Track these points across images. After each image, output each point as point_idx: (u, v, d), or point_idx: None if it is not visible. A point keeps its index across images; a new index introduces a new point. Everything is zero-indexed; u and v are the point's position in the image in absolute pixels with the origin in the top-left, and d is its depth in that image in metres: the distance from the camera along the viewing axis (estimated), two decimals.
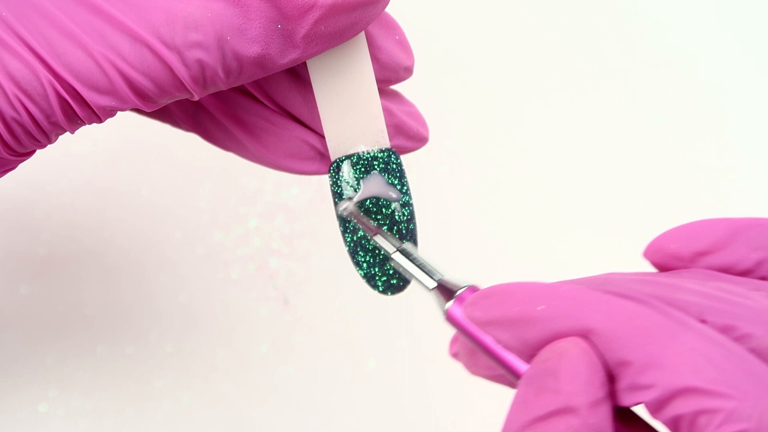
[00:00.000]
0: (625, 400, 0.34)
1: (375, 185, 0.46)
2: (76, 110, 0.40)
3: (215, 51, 0.40)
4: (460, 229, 0.72)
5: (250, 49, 0.40)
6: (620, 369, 0.34)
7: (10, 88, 0.39)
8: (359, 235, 0.46)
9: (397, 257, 0.43)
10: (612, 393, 0.34)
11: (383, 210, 0.46)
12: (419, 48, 0.48)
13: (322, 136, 0.47)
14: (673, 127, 0.76)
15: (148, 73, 0.40)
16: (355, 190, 0.46)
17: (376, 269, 0.47)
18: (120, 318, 0.66)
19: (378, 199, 0.46)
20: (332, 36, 0.41)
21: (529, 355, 0.36)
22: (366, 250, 0.47)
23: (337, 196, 0.46)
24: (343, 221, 0.47)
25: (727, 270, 0.39)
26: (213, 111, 0.47)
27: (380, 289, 0.47)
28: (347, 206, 0.46)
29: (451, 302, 0.39)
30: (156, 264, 0.67)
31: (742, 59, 0.78)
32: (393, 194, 0.46)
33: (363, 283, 0.48)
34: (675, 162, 0.75)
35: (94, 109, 0.40)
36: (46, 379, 0.65)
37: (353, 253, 0.47)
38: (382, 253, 0.46)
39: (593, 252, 0.72)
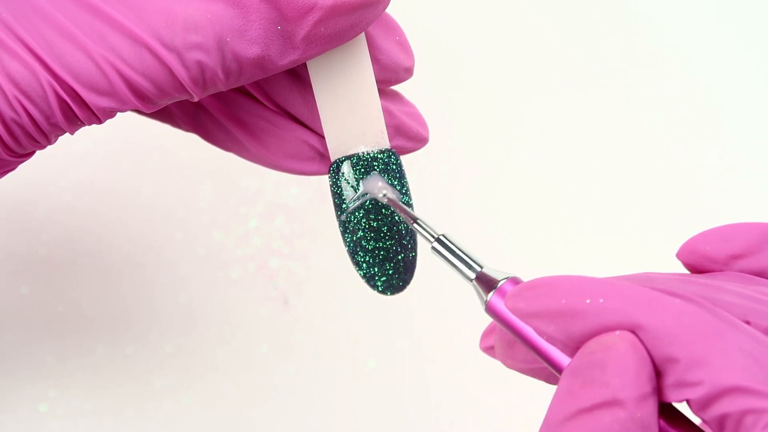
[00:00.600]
0: (671, 397, 0.34)
1: (375, 186, 0.46)
2: (75, 111, 0.40)
3: (215, 52, 0.40)
4: (460, 229, 0.72)
5: (250, 50, 0.40)
6: (667, 365, 0.34)
7: (10, 90, 0.39)
8: (359, 236, 0.46)
9: (438, 246, 0.42)
10: (658, 389, 0.34)
11: (383, 210, 0.46)
12: (419, 48, 0.48)
13: (322, 137, 0.46)
14: (673, 126, 0.76)
15: (147, 74, 0.40)
16: (355, 191, 0.46)
17: (376, 269, 0.47)
18: (120, 318, 0.66)
19: (375, 200, 0.46)
20: (332, 37, 0.41)
21: (572, 348, 0.36)
22: (366, 250, 0.47)
23: (337, 196, 0.47)
24: (343, 223, 0.47)
25: (760, 274, 0.39)
26: (213, 111, 0.47)
27: (380, 289, 0.47)
28: (387, 193, 0.46)
29: (492, 293, 0.39)
30: (156, 264, 0.67)
31: (742, 59, 0.78)
32: (393, 195, 0.46)
33: (363, 283, 0.48)
34: (675, 161, 0.75)
35: (94, 110, 0.40)
36: (46, 379, 0.65)
37: (353, 253, 0.47)
38: (381, 253, 0.46)
39: (594, 252, 0.72)
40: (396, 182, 0.46)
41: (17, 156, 0.42)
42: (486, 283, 0.39)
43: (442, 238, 0.42)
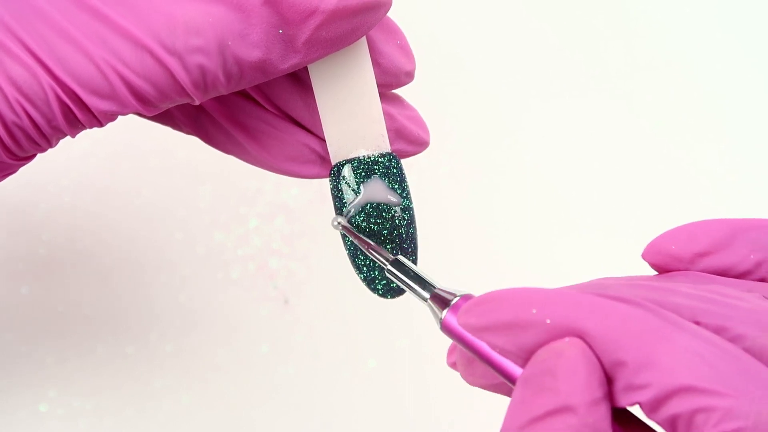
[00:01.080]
0: (621, 401, 0.34)
1: (376, 189, 0.46)
2: (77, 114, 0.40)
3: (216, 56, 0.40)
4: (461, 233, 0.72)
5: (251, 54, 0.40)
6: (616, 370, 0.34)
7: (12, 93, 0.39)
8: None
9: (392, 269, 0.43)
10: (609, 394, 0.34)
11: (384, 214, 0.46)
12: (420, 51, 0.48)
13: (322, 140, 0.46)
14: (673, 129, 0.76)
15: (149, 77, 0.40)
16: (356, 195, 0.46)
17: (376, 273, 0.47)
18: (120, 318, 0.66)
19: (379, 203, 0.46)
20: (333, 41, 0.41)
21: (525, 360, 0.36)
22: (366, 254, 0.47)
23: (338, 200, 0.47)
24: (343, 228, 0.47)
25: (726, 271, 0.39)
26: (214, 114, 0.47)
27: (380, 292, 0.48)
28: (340, 221, 0.46)
29: (445, 312, 0.39)
30: (156, 264, 0.67)
31: (742, 62, 0.78)
32: (393, 198, 0.46)
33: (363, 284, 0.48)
34: (675, 165, 0.75)
35: (95, 113, 0.40)
36: (46, 379, 0.65)
37: (353, 257, 0.47)
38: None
39: (594, 255, 0.72)
40: (397, 186, 0.46)
41: (18, 159, 0.42)
42: (441, 302, 0.40)
43: (397, 260, 0.43)
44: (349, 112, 0.45)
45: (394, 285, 0.47)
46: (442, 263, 0.68)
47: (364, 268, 0.47)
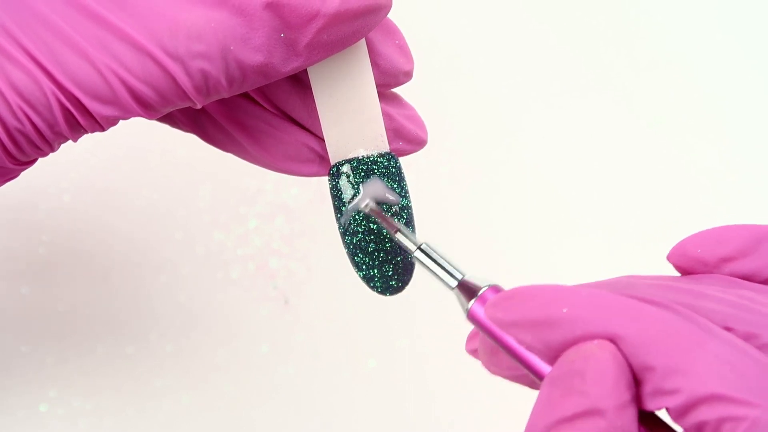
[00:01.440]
0: (649, 405, 0.34)
1: (375, 189, 0.46)
2: (79, 120, 0.40)
3: (218, 60, 0.40)
4: (460, 232, 0.72)
5: (253, 58, 0.40)
6: (645, 374, 0.34)
7: (14, 99, 0.39)
8: (358, 238, 0.47)
9: (419, 255, 0.42)
10: (637, 397, 0.34)
11: (383, 213, 0.47)
12: (419, 51, 0.48)
13: (321, 139, 0.47)
14: (673, 129, 0.76)
15: (151, 82, 0.40)
16: (355, 194, 0.46)
17: (375, 271, 0.47)
18: (120, 318, 0.66)
19: (377, 202, 0.46)
20: (335, 44, 0.41)
21: (552, 357, 0.36)
22: (365, 252, 0.47)
23: (337, 199, 0.47)
24: (343, 225, 0.47)
25: (750, 277, 0.39)
26: (214, 114, 0.47)
27: (378, 290, 0.48)
28: (368, 203, 0.46)
29: (473, 301, 0.39)
30: (156, 264, 0.67)
31: (742, 63, 0.78)
32: (392, 198, 0.47)
33: (363, 283, 0.48)
34: (675, 165, 0.75)
35: (97, 118, 0.40)
36: (46, 379, 0.65)
37: (352, 255, 0.47)
38: (381, 255, 0.47)
39: (593, 255, 0.72)
40: (395, 185, 0.47)
41: (20, 163, 0.42)
42: (467, 290, 0.39)
43: (423, 246, 0.42)
44: (347, 113, 0.45)
45: (393, 283, 0.47)
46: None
47: (363, 266, 0.47)
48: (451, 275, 0.41)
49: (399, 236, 0.44)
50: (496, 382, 0.68)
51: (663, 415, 0.35)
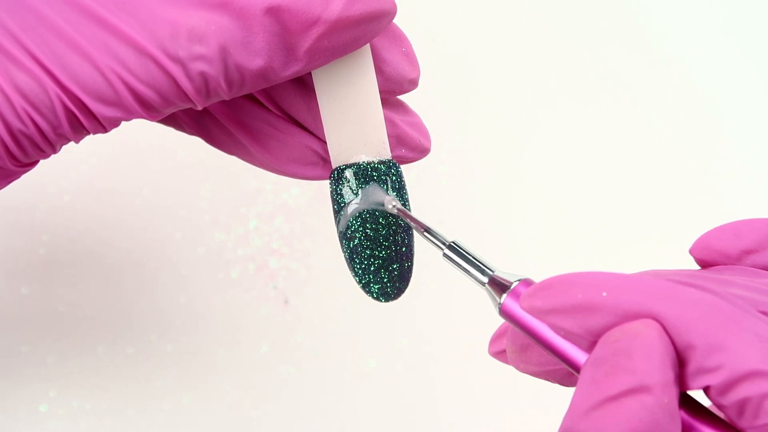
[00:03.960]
0: (692, 384, 0.34)
1: (374, 195, 0.46)
2: (82, 121, 0.40)
3: (218, 63, 0.40)
4: (460, 234, 0.72)
5: (253, 62, 0.40)
6: (687, 353, 0.34)
7: (18, 101, 0.39)
8: (356, 243, 0.47)
9: (449, 253, 0.42)
10: (679, 377, 0.35)
11: (381, 219, 0.47)
12: (425, 56, 0.48)
13: (325, 142, 0.47)
14: (675, 129, 0.76)
15: (152, 84, 0.40)
16: (355, 199, 0.46)
17: (371, 277, 0.47)
18: (120, 318, 0.66)
19: (376, 209, 0.46)
20: (336, 50, 0.41)
21: (591, 343, 0.36)
22: (362, 258, 0.47)
23: (337, 204, 0.47)
24: (342, 230, 0.47)
25: None
26: (218, 116, 0.47)
27: (375, 296, 0.48)
28: (395, 204, 0.46)
29: (505, 295, 0.39)
30: (156, 264, 0.68)
31: (742, 63, 0.78)
32: (389, 206, 0.47)
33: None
34: (677, 165, 0.75)
35: (100, 120, 0.41)
36: (46, 379, 0.65)
37: (350, 260, 0.47)
38: (378, 261, 0.47)
39: (595, 255, 0.72)
40: (396, 193, 0.47)
41: (22, 165, 0.42)
42: (498, 286, 0.40)
43: (453, 244, 0.42)
44: (350, 118, 0.45)
45: (389, 290, 0.47)
46: (441, 264, 0.68)
47: (360, 272, 0.47)
48: (482, 272, 0.41)
49: (428, 235, 0.44)
50: (496, 382, 0.68)
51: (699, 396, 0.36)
